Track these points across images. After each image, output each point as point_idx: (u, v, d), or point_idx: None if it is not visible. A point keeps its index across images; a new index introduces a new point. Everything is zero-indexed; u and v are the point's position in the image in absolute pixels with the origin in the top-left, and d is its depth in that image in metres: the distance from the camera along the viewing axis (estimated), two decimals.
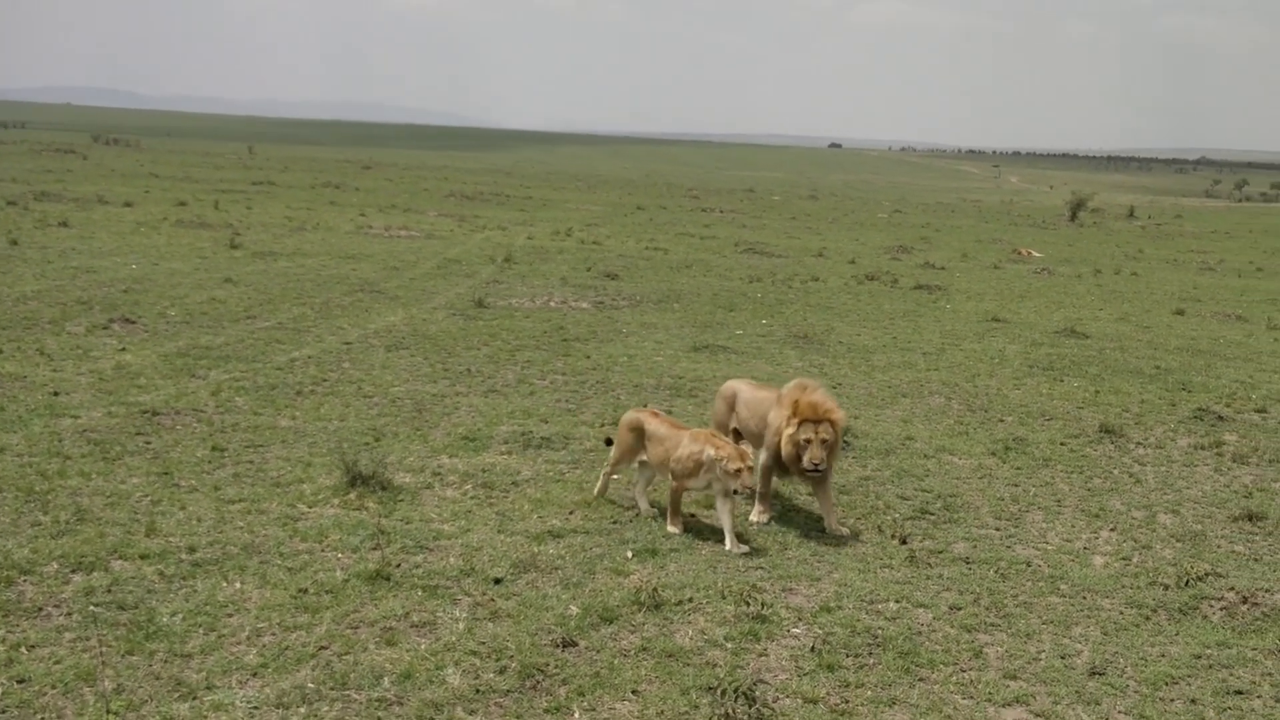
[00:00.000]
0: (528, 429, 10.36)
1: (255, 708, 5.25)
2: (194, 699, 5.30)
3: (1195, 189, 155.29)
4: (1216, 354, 16.87)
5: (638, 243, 30.67)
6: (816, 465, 8.03)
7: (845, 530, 8.19)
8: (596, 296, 19.38)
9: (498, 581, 6.89)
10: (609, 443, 8.80)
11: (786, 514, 8.59)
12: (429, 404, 11.19)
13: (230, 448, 9.31)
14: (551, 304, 18.31)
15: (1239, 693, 5.94)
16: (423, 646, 5.97)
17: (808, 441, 8.04)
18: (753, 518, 8.41)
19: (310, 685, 5.48)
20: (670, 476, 8.06)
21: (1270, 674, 6.19)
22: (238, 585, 6.61)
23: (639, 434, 8.38)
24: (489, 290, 19.12)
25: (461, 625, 6.25)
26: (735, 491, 7.86)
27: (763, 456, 8.53)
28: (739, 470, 7.71)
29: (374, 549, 7.23)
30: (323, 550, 7.24)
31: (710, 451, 7.85)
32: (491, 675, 5.70)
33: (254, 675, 5.56)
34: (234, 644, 5.88)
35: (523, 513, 8.18)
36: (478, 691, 5.53)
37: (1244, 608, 6.99)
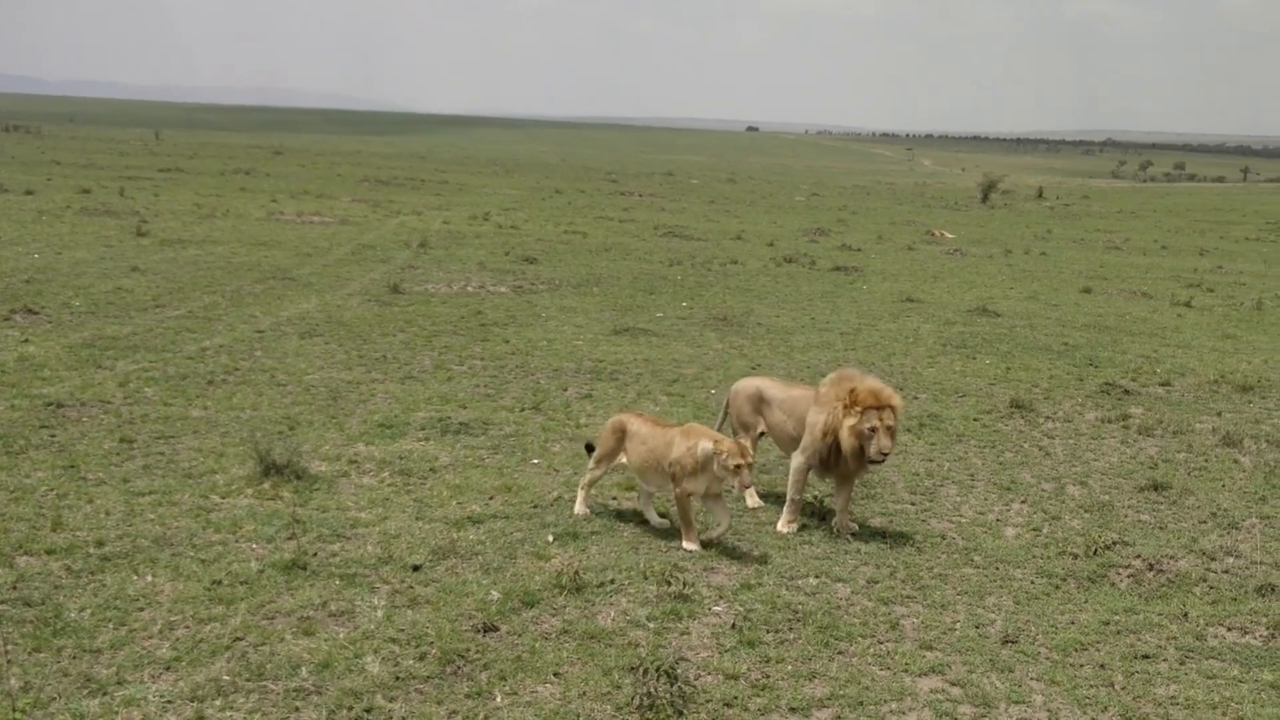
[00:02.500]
0: (446, 415, 10.25)
1: (169, 702, 5.12)
2: (104, 695, 5.15)
3: (1102, 170, 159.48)
4: (1122, 330, 17.33)
5: (556, 226, 30.54)
6: (885, 454, 7.73)
7: (855, 527, 7.96)
8: (515, 281, 19.26)
9: (416, 568, 6.81)
10: (590, 449, 8.18)
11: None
12: (344, 391, 11.02)
13: (139, 439, 9.06)
14: (469, 289, 18.15)
15: (1146, 657, 6.12)
16: (341, 635, 5.88)
17: (873, 430, 7.67)
18: (781, 527, 7.93)
19: (225, 678, 5.37)
20: (671, 483, 7.45)
21: (1175, 638, 6.39)
22: (149, 578, 6.44)
23: (621, 437, 7.85)
24: (405, 276, 18.88)
25: (380, 613, 6.17)
26: (729, 490, 7.52)
27: (798, 460, 8.06)
28: (739, 466, 7.24)
29: (289, 539, 7.10)
30: (237, 541, 7.09)
31: (707, 445, 7.33)
32: (411, 662, 5.64)
33: (167, 669, 5.42)
34: (146, 638, 5.73)
35: (441, 499, 8.10)
36: (398, 679, 5.47)
37: (1150, 574, 7.20)
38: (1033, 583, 7.14)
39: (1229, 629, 6.56)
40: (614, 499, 8.33)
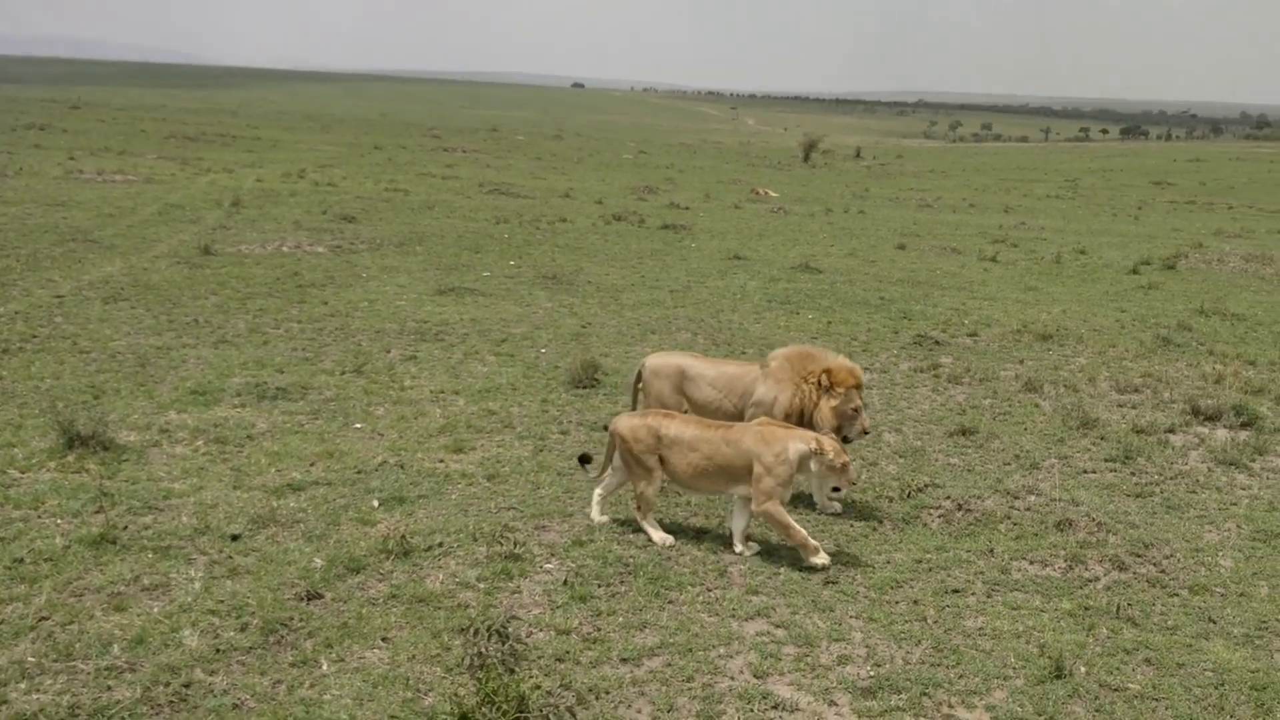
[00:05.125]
0: (262, 380, 9.89)
1: None
2: None
3: (914, 131, 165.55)
4: (934, 284, 18.07)
5: (376, 184, 29.75)
6: (867, 432, 7.70)
7: (838, 507, 7.70)
8: (333, 240, 18.69)
9: (235, 538, 6.59)
10: (585, 461, 7.55)
11: (537, 456, 8.58)
12: (153, 358, 10.50)
13: None
14: (285, 249, 17.51)
15: (955, 591, 6.44)
16: (155, 610, 5.65)
17: (856, 411, 7.59)
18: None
19: (31, 659, 5.10)
20: (762, 499, 6.65)
21: (982, 572, 6.74)
22: None
23: (654, 443, 6.97)
24: (216, 236, 18.07)
25: (198, 585, 5.95)
26: (836, 489, 6.90)
27: None
28: (846, 464, 6.72)
29: (97, 512, 6.75)
30: (39, 517, 6.71)
31: (800, 446, 6.68)
32: (232, 634, 5.47)
33: None
34: None
35: (260, 467, 7.82)
36: (217, 651, 5.30)
37: (959, 514, 7.57)
38: (852, 525, 7.40)
39: (1031, 562, 6.96)
40: (441, 461, 8.20)
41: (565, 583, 6.23)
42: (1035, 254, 22.96)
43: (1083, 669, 5.56)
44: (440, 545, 6.64)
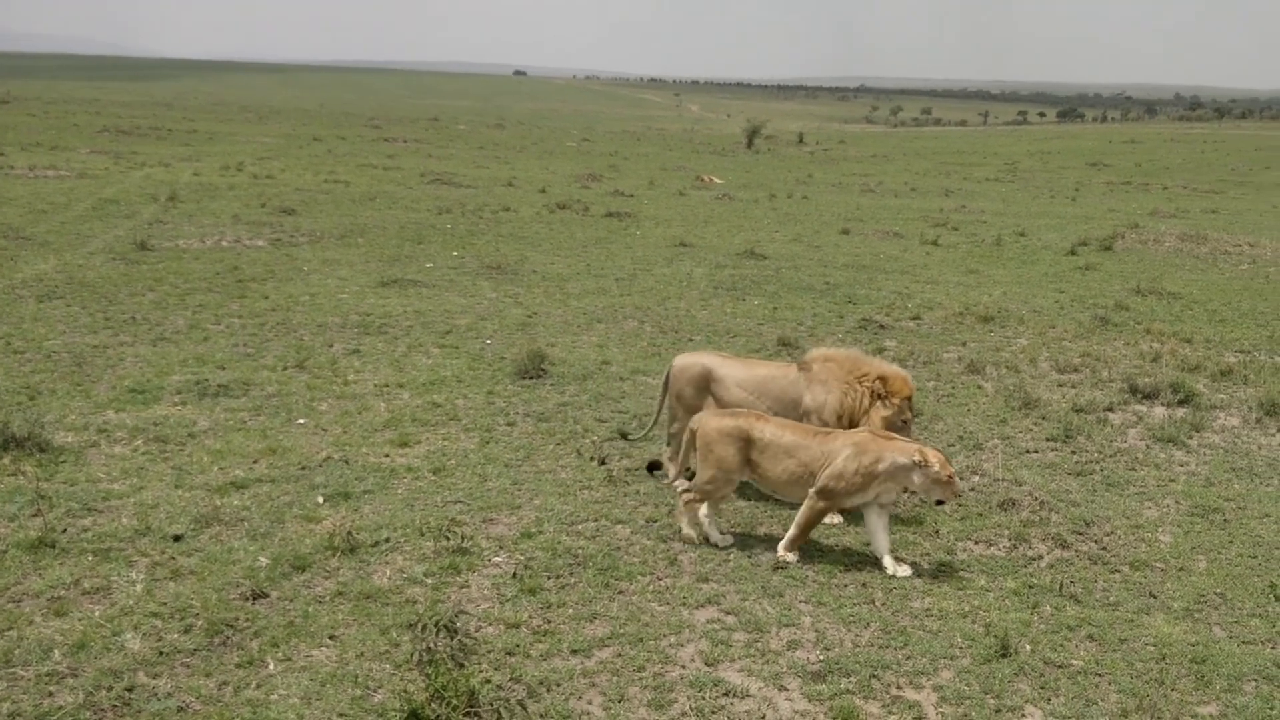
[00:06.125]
0: (203, 377, 9.73)
1: None
2: None
3: (856, 116, 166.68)
4: (877, 269, 18.22)
5: (316, 175, 29.35)
6: None
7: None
8: (273, 233, 18.41)
9: (178, 539, 6.49)
10: (655, 468, 7.36)
11: (484, 448, 8.53)
12: (90, 356, 10.28)
13: None
14: (224, 243, 17.23)
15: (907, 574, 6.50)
16: (97, 613, 5.56)
17: (906, 424, 7.41)
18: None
19: None
20: (817, 498, 6.54)
21: (929, 554, 6.84)
22: None
23: (744, 447, 6.71)
24: (152, 231, 17.72)
25: (139, 587, 5.85)
26: (940, 502, 6.68)
27: None
28: (952, 476, 6.48)
29: (34, 515, 6.61)
30: None
31: (899, 458, 6.43)
32: (176, 635, 5.39)
33: None
34: None
35: (202, 465, 7.70)
36: (161, 654, 5.23)
37: (905, 496, 7.61)
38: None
39: (976, 542, 7.05)
40: (386, 456, 8.13)
41: (514, 576, 6.21)
42: (976, 237, 23.22)
43: (1028, 647, 5.64)
44: (387, 541, 6.58)
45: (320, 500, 7.19)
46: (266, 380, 9.83)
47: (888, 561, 6.51)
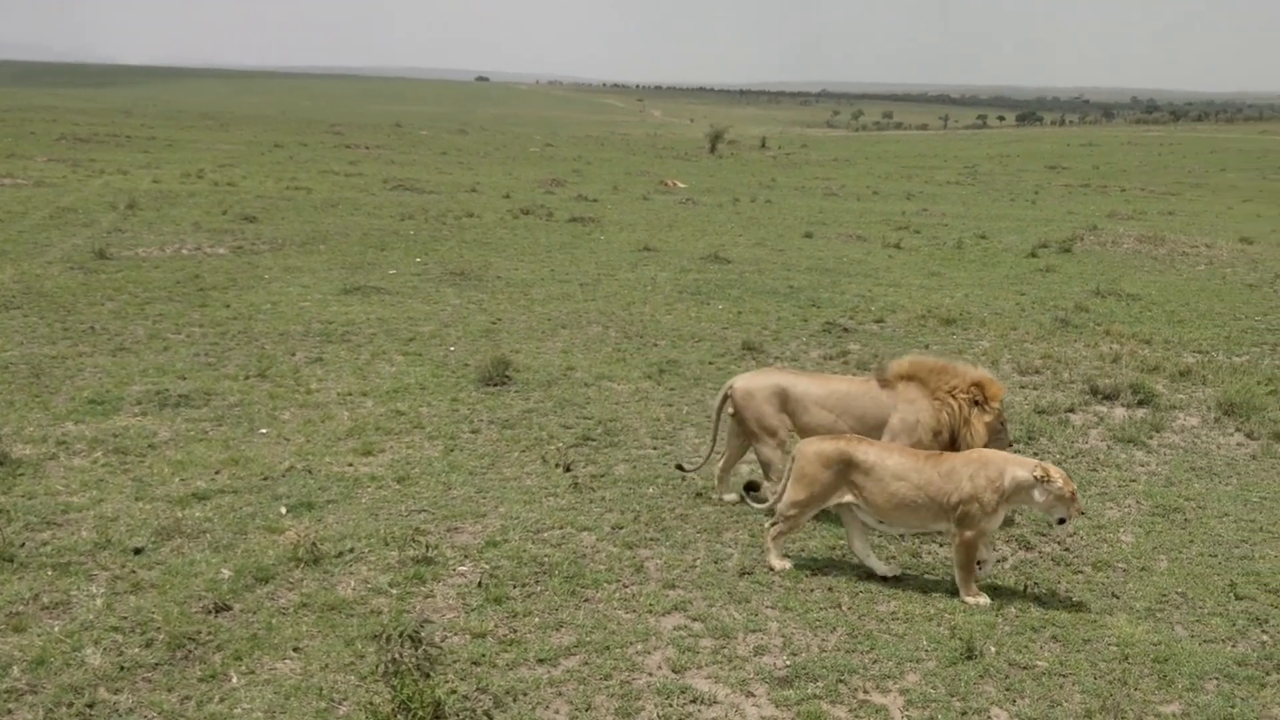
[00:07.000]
0: (164, 387, 9.62)
1: None
2: None
3: (818, 120, 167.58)
4: (841, 272, 18.30)
5: (277, 183, 29.13)
6: (1013, 444, 7.28)
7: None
8: (234, 241, 18.25)
9: (138, 551, 6.40)
10: (750, 489, 7.17)
11: (448, 456, 8.48)
12: (48, 367, 10.14)
13: None
14: (184, 251, 17.05)
15: (869, 577, 6.52)
16: (56, 628, 5.48)
17: (1003, 425, 7.26)
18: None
19: None
20: (960, 528, 6.19)
21: (895, 557, 6.87)
22: None
23: (843, 472, 6.45)
24: (112, 240, 17.51)
25: (100, 601, 5.77)
26: (1062, 521, 6.31)
27: None
28: (1074, 493, 6.20)
29: None
30: None
31: (1020, 473, 6.14)
32: (137, 650, 5.32)
33: None
34: None
35: (163, 476, 7.61)
36: (122, 669, 5.16)
37: None
38: (767, 518, 7.45)
39: (941, 545, 7.08)
40: (350, 465, 8.06)
41: (480, 585, 6.17)
42: (937, 240, 23.39)
43: (992, 649, 5.68)
44: (351, 551, 6.53)
45: (283, 511, 7.12)
46: (228, 390, 9.73)
47: (972, 594, 6.30)
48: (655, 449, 8.79)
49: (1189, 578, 6.69)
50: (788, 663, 5.48)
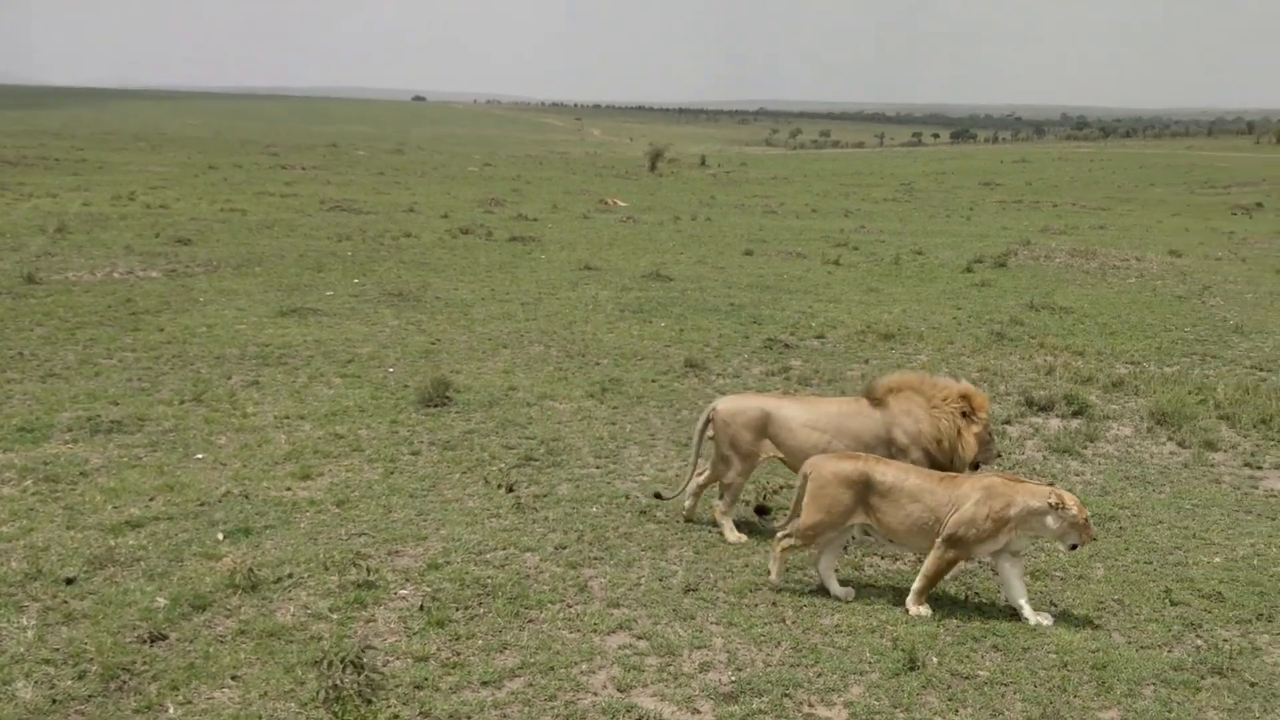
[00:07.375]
0: (95, 413, 9.42)
1: None
2: None
3: (756, 138, 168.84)
4: (781, 289, 18.44)
5: (212, 204, 28.69)
6: (1000, 455, 7.55)
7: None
8: (168, 264, 17.95)
9: (70, 581, 6.26)
10: (762, 513, 7.21)
11: (388, 479, 8.39)
12: None
13: None
14: (116, 275, 16.74)
15: (813, 591, 6.57)
16: None
17: (990, 436, 7.43)
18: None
19: None
20: (945, 546, 6.23)
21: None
22: None
23: (861, 492, 6.40)
24: (40, 264, 17.12)
25: (30, 633, 5.64)
26: (1074, 547, 6.35)
27: None
28: (1088, 519, 6.21)
29: None
30: None
31: (1031, 502, 6.15)
32: (70, 682, 5.21)
33: None
34: None
35: (95, 504, 7.44)
36: (54, 702, 5.06)
37: None
38: (710, 533, 7.47)
39: (883, 558, 7.14)
40: (288, 490, 7.94)
41: (421, 608, 6.11)
42: (875, 256, 23.66)
43: (934, 659, 5.73)
44: (290, 576, 6.43)
45: (220, 537, 6.99)
46: (162, 415, 9.55)
47: (1027, 611, 6.24)
48: (599, 468, 8.77)
49: (1125, 585, 6.81)
50: (733, 678, 5.48)
